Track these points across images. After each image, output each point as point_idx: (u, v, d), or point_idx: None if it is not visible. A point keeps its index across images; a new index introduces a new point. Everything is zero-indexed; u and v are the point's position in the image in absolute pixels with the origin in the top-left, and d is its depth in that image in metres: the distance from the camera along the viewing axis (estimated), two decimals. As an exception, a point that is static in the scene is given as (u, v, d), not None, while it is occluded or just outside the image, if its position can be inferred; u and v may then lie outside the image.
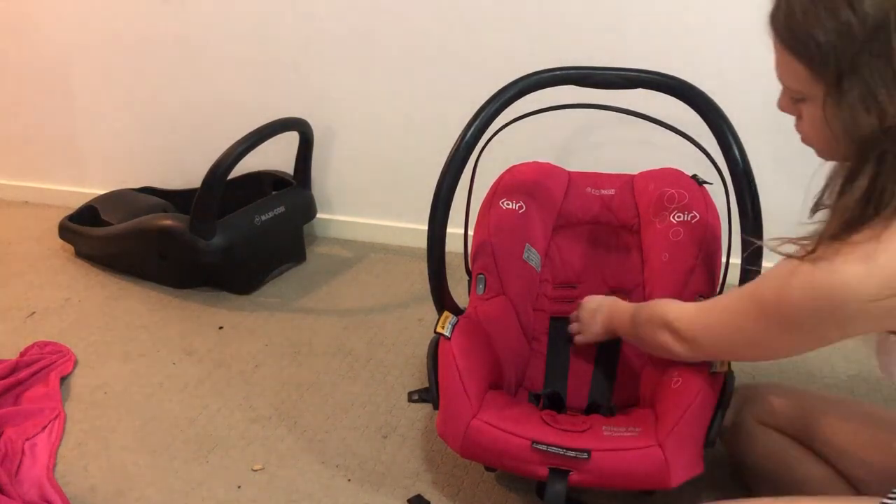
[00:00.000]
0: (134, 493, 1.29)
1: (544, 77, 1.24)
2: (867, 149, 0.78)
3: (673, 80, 1.21)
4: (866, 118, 0.77)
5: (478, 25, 1.89)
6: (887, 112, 0.75)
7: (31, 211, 2.46)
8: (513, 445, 1.11)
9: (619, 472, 1.08)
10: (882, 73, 0.75)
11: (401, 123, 2.06)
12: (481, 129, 1.23)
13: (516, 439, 1.10)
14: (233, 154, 1.79)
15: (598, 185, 1.54)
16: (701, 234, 1.36)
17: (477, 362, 1.22)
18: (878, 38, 0.74)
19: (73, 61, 2.29)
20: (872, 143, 0.77)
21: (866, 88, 0.76)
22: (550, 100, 1.28)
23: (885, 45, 0.74)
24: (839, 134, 0.80)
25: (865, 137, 0.77)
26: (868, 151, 0.78)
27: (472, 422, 1.13)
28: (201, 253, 1.83)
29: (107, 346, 1.72)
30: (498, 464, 1.18)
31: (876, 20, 0.74)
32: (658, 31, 1.75)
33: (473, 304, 1.35)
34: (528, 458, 1.10)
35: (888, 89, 0.75)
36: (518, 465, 1.12)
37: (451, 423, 1.16)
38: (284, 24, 2.04)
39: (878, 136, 0.76)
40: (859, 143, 0.78)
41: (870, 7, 0.74)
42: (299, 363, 1.65)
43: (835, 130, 0.81)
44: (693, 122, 1.21)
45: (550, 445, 1.08)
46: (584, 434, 1.12)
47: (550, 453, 1.08)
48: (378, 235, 2.22)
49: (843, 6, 0.75)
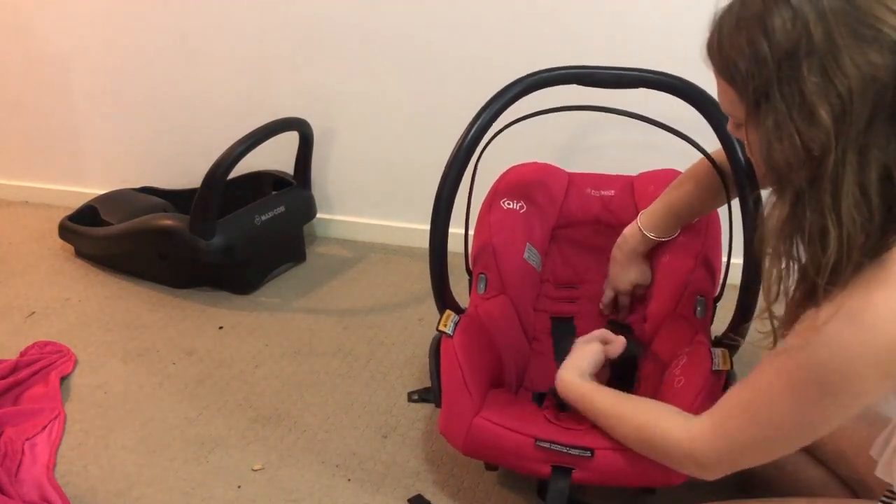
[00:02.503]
0: (134, 493, 1.29)
1: (547, 76, 1.24)
2: (783, 178, 0.78)
3: (675, 79, 1.21)
4: (779, 147, 0.77)
5: (478, 25, 1.89)
6: (797, 142, 0.75)
7: (31, 211, 2.46)
8: (516, 443, 1.11)
9: (622, 470, 1.07)
10: (793, 102, 0.75)
11: (401, 123, 2.06)
12: (484, 127, 1.23)
13: (519, 437, 1.10)
14: (233, 154, 1.79)
15: (598, 186, 1.54)
16: (701, 234, 1.36)
17: (479, 360, 1.22)
18: (789, 67, 0.74)
19: (73, 61, 2.29)
20: (787, 172, 0.77)
21: (779, 117, 0.76)
22: (551, 100, 1.28)
23: (796, 73, 0.74)
24: (760, 161, 0.82)
25: (780, 167, 0.78)
26: (784, 181, 0.79)
27: (474, 419, 1.13)
28: (201, 253, 1.83)
29: (107, 346, 1.72)
30: (500, 462, 1.18)
31: (786, 49, 0.74)
32: (658, 31, 1.75)
33: (474, 303, 1.35)
34: (531, 456, 1.10)
35: (799, 119, 0.75)
36: (521, 462, 1.12)
37: (454, 421, 1.16)
38: (284, 24, 2.04)
39: (792, 166, 0.77)
40: (776, 171, 0.79)
41: (781, 36, 0.74)
42: (299, 363, 1.65)
43: (756, 157, 0.83)
44: (693, 121, 1.21)
45: (554, 443, 1.08)
46: (587, 432, 1.12)
47: (553, 451, 1.08)
48: (378, 235, 2.22)
49: (759, 34, 0.76)
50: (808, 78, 0.73)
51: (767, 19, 0.75)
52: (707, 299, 1.32)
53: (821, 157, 0.74)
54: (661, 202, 1.31)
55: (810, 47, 0.73)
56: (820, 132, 0.74)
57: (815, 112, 0.74)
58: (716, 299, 1.33)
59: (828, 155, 0.74)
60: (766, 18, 0.75)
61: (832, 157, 0.74)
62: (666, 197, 1.30)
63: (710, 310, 1.32)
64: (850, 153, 0.74)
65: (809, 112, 0.74)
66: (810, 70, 0.73)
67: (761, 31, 0.76)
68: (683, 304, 1.32)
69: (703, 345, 1.21)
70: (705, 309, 1.31)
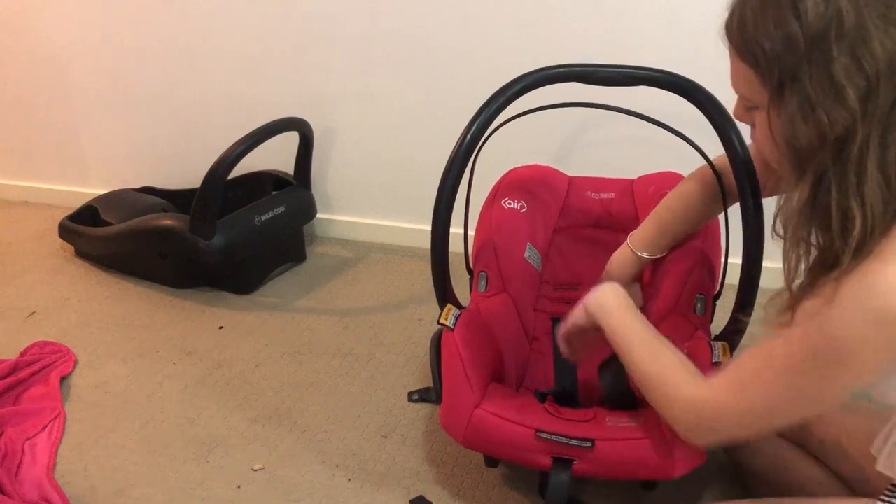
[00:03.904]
0: (134, 493, 1.29)
1: (547, 74, 1.24)
2: (805, 161, 0.79)
3: (676, 77, 1.21)
4: (804, 129, 0.78)
5: (478, 25, 1.89)
6: (823, 123, 0.76)
7: (31, 211, 2.46)
8: (516, 434, 1.11)
9: (623, 461, 1.08)
10: (821, 83, 0.76)
11: (401, 123, 2.06)
12: (486, 124, 1.23)
13: (520, 428, 1.11)
14: (233, 154, 1.79)
15: (598, 188, 1.54)
16: (700, 233, 1.36)
17: (480, 354, 1.22)
18: (819, 49, 0.75)
19: (73, 61, 2.29)
20: (810, 154, 0.78)
21: (805, 98, 0.77)
22: (551, 99, 1.27)
23: (826, 55, 0.75)
24: (781, 143, 0.82)
25: (803, 148, 0.79)
26: (805, 163, 0.79)
27: (475, 411, 1.13)
28: (201, 253, 1.83)
29: (107, 346, 1.71)
30: (501, 453, 1.18)
31: (818, 30, 0.75)
32: (658, 30, 1.75)
33: (475, 301, 1.35)
34: (532, 447, 1.10)
35: (826, 100, 0.76)
36: (521, 454, 1.12)
37: (454, 413, 1.16)
38: (284, 24, 2.04)
39: (816, 148, 0.78)
40: (798, 153, 0.80)
41: (813, 18, 0.75)
42: (299, 363, 1.65)
43: (777, 139, 0.83)
44: (694, 120, 1.21)
45: (554, 434, 1.08)
46: (587, 424, 1.12)
47: (554, 442, 1.08)
48: (378, 235, 2.22)
49: (790, 16, 0.76)
50: (838, 59, 0.74)
51: (799, 1, 0.76)
52: (707, 297, 1.32)
53: (846, 138, 0.75)
54: (650, 221, 1.30)
55: (841, 29, 0.74)
56: (847, 113, 0.75)
57: (843, 93, 0.75)
58: (715, 297, 1.34)
59: (854, 136, 0.75)
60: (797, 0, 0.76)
61: (858, 137, 0.75)
62: (655, 215, 1.30)
63: (710, 308, 1.33)
64: (874, 134, 0.75)
65: (837, 93, 0.75)
66: (840, 52, 0.74)
67: (792, 13, 0.76)
68: (683, 302, 1.32)
69: (703, 339, 1.22)
70: (705, 307, 1.32)
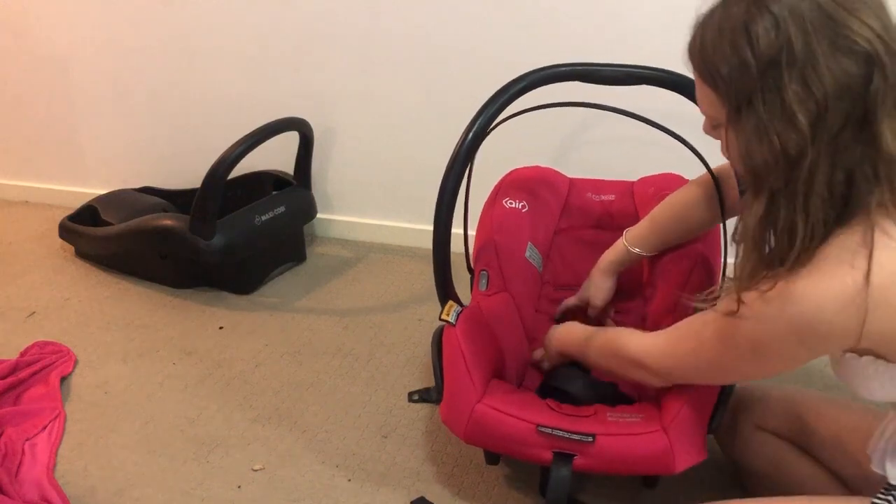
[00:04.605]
0: (134, 492, 1.29)
1: (549, 73, 1.24)
2: (760, 178, 0.82)
3: (679, 76, 1.21)
4: (759, 149, 0.81)
5: (478, 25, 1.89)
6: (776, 145, 0.79)
7: (31, 211, 2.46)
8: (518, 429, 1.11)
9: (624, 456, 1.08)
10: (774, 107, 0.79)
11: (401, 123, 2.06)
12: (487, 123, 1.23)
13: (521, 423, 1.11)
14: (233, 154, 1.79)
15: (598, 190, 1.54)
16: (701, 235, 1.36)
17: (482, 350, 1.22)
18: (772, 75, 0.78)
19: (73, 61, 2.29)
20: (765, 173, 0.81)
21: (759, 121, 0.80)
22: (551, 99, 1.27)
23: (778, 81, 0.78)
24: (738, 162, 0.86)
25: (759, 167, 0.82)
26: (761, 181, 0.82)
27: (476, 406, 1.14)
28: (201, 253, 1.83)
29: (107, 346, 1.71)
30: (502, 448, 1.18)
31: (769, 57, 0.78)
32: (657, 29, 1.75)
33: (476, 300, 1.35)
34: (533, 442, 1.10)
35: (779, 123, 0.79)
36: (522, 449, 1.12)
37: (455, 408, 1.16)
38: (284, 24, 2.04)
39: (770, 167, 0.80)
40: (754, 171, 0.83)
41: (764, 45, 0.78)
42: (299, 363, 1.65)
43: (734, 158, 0.87)
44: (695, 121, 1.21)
45: (555, 429, 1.09)
46: (588, 419, 1.13)
47: (555, 437, 1.09)
48: (378, 235, 2.22)
49: (743, 42, 0.79)
50: (788, 85, 0.77)
51: (751, 27, 0.79)
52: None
53: (797, 160, 0.79)
54: (646, 218, 1.33)
55: (791, 56, 0.77)
56: (798, 136, 0.78)
57: (795, 118, 0.78)
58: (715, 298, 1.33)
59: (803, 157, 0.78)
60: (749, 26, 0.79)
61: (808, 159, 0.78)
62: (651, 214, 1.32)
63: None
64: (823, 156, 0.78)
65: (789, 118, 0.78)
66: (791, 78, 0.77)
67: (745, 39, 0.79)
68: (683, 304, 1.32)
69: None
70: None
